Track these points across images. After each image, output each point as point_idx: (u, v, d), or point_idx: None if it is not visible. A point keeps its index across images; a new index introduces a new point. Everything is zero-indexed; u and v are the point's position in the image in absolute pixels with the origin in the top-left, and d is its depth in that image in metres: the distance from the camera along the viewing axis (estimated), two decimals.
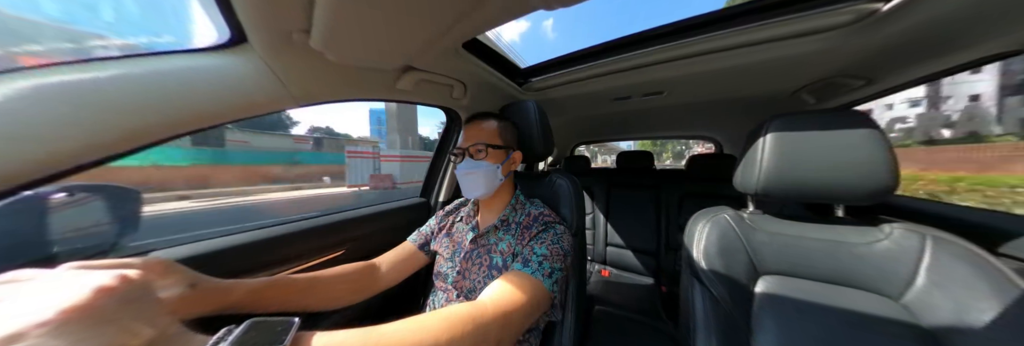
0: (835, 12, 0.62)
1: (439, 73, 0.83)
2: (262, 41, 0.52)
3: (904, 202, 0.91)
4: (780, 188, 0.66)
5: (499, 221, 0.73)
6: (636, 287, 1.65)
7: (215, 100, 0.51)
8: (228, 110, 0.53)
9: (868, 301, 0.58)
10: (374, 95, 0.81)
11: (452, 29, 0.50)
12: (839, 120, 0.62)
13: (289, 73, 0.58)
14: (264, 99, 0.58)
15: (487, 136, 0.73)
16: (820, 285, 0.62)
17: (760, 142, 0.67)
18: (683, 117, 1.65)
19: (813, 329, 0.57)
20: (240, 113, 0.56)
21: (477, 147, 0.72)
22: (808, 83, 1.01)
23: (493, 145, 0.73)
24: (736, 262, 0.67)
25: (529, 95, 1.21)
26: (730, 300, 0.64)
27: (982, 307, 0.48)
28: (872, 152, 0.58)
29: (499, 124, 0.77)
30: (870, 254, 0.61)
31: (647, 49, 0.83)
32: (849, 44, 0.71)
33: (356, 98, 0.77)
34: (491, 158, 0.72)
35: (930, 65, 0.75)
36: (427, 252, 0.83)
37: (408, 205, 1.18)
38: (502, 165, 0.74)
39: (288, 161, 20.73)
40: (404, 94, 0.87)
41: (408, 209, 1.17)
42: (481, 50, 0.87)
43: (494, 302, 0.49)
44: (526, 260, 0.60)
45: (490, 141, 0.73)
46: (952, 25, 0.59)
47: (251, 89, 0.55)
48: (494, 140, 0.74)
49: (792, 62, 0.84)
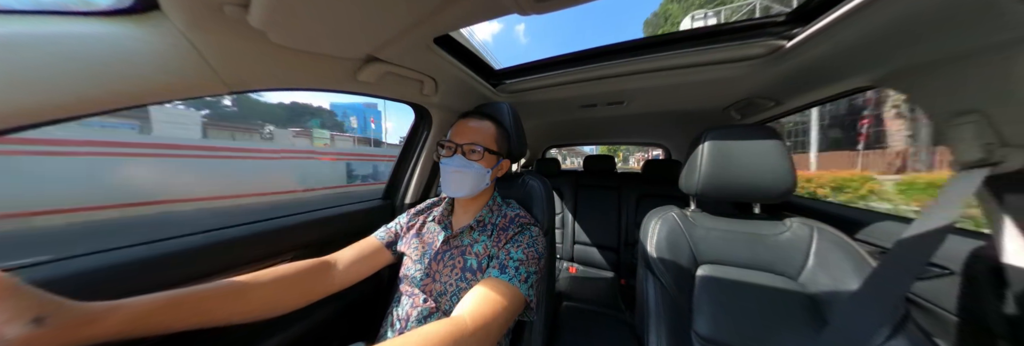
0: (751, 45, 0.75)
1: (408, 67, 0.78)
2: (180, 10, 0.43)
3: (798, 201, 1.18)
4: (714, 189, 0.78)
5: (475, 222, 0.71)
6: (599, 281, 1.74)
7: (116, 79, 0.42)
8: (134, 91, 0.44)
9: (776, 281, 0.72)
10: (329, 85, 0.72)
11: (422, 23, 0.50)
12: (756, 133, 0.76)
13: (219, 53, 0.49)
14: (183, 82, 0.48)
15: (485, 139, 0.70)
16: (743, 270, 0.75)
17: (699, 149, 0.80)
18: (640, 125, 1.85)
19: (736, 307, 0.70)
20: (151, 96, 0.46)
21: (473, 147, 0.68)
22: (734, 102, 1.19)
23: (490, 150, 0.69)
24: (681, 254, 0.78)
25: (503, 97, 1.19)
26: (676, 287, 0.74)
27: (847, 280, 0.65)
28: (779, 159, 0.73)
29: (497, 130, 0.74)
30: (777, 243, 0.76)
31: (610, 62, 0.90)
32: (762, 72, 0.86)
33: (307, 87, 0.68)
34: (484, 161, 0.69)
35: (818, 92, 0.92)
36: (394, 252, 0.77)
37: (368, 208, 1.09)
38: (492, 170, 0.71)
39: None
40: (367, 86, 0.79)
41: (368, 212, 1.07)
42: (455, 48, 0.83)
43: (473, 317, 0.47)
44: (503, 266, 0.59)
45: (488, 145, 0.70)
46: (832, 63, 0.73)
47: (166, 68, 0.46)
48: (491, 145, 0.70)
49: (721, 84, 0.99)
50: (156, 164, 5.53)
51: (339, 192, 8.60)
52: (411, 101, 1.02)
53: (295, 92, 0.53)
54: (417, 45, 0.68)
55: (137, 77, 0.43)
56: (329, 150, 12.09)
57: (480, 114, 0.74)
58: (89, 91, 0.40)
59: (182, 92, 0.49)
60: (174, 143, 5.98)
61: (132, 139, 6.03)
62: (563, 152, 19.64)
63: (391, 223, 0.81)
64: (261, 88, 0.58)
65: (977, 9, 0.45)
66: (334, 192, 8.50)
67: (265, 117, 34.24)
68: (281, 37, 0.51)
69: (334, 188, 8.56)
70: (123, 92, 0.43)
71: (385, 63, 0.72)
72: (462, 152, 0.68)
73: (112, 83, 0.41)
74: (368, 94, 0.86)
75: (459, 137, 0.70)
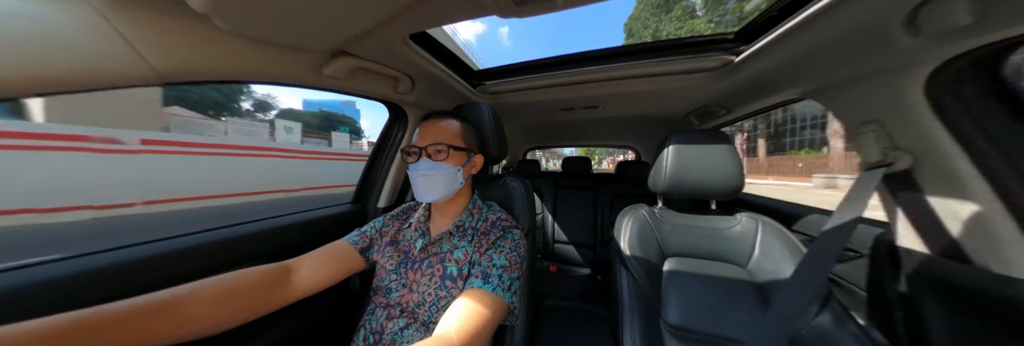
0: (706, 59, 0.83)
1: (382, 63, 0.74)
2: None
3: (746, 197, 1.31)
4: (678, 188, 0.85)
5: (454, 227, 0.68)
6: (578, 278, 1.80)
7: (33, 62, 0.35)
8: (56, 77, 0.37)
9: (730, 270, 0.80)
10: (288, 80, 0.65)
11: (398, 18, 0.49)
12: (711, 138, 0.85)
13: (147, 38, 0.42)
14: (107, 68, 0.41)
15: (449, 136, 0.67)
16: (703, 261, 0.83)
17: (664, 152, 0.87)
18: (613, 129, 1.97)
19: (697, 295, 0.78)
20: (78, 84, 0.39)
21: (437, 147, 0.65)
22: (693, 109, 1.31)
23: (455, 146, 0.66)
24: (650, 248, 0.84)
25: (483, 97, 1.18)
26: (647, 280, 0.80)
27: (785, 266, 0.74)
28: (730, 161, 0.81)
29: (462, 125, 0.71)
30: (730, 236, 0.84)
31: (587, 67, 0.94)
32: (715, 83, 0.95)
33: (261, 81, 0.61)
34: (452, 160, 0.66)
35: (762, 102, 1.05)
36: (367, 258, 0.71)
37: (336, 213, 1.01)
38: (463, 168, 0.68)
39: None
40: (333, 82, 0.73)
41: (336, 219, 0.99)
42: (434, 46, 0.80)
43: (460, 333, 0.47)
44: (486, 275, 0.57)
45: (452, 142, 0.67)
46: (771, 77, 0.83)
47: (86, 53, 0.38)
48: (456, 141, 0.68)
49: (682, 92, 1.09)
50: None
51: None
52: (385, 99, 0.96)
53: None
54: (392, 41, 0.65)
55: (58, 61, 0.36)
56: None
57: (440, 114, 0.71)
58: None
59: (108, 80, 0.42)
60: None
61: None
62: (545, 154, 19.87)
63: (365, 227, 0.75)
64: (204, 80, 0.51)
65: (876, 39, 0.55)
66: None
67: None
68: (228, 23, 0.45)
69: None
70: (43, 77, 0.36)
71: (356, 58, 0.67)
72: (426, 154, 0.65)
73: (28, 66, 0.35)
74: (334, 90, 0.79)
75: (421, 140, 0.67)
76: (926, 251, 0.64)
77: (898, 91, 0.61)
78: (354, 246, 0.70)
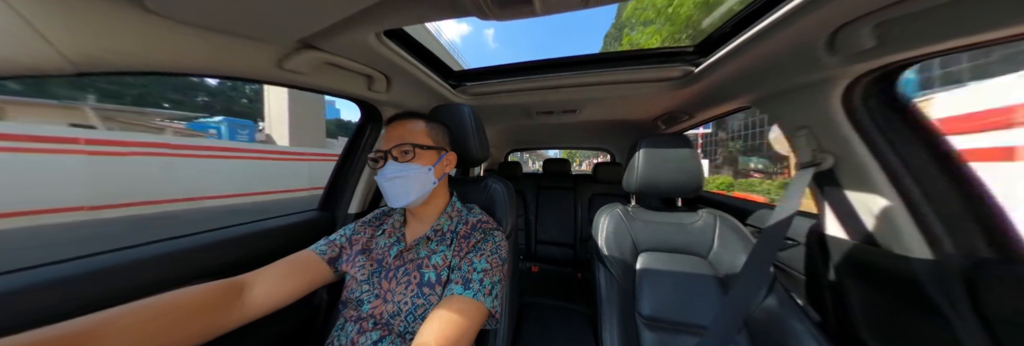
0: (671, 68, 0.90)
1: (353, 59, 0.70)
2: None
3: (706, 195, 1.48)
4: (648, 187, 0.92)
5: (432, 231, 0.65)
6: (559, 277, 1.84)
7: None
8: None
9: (694, 261, 0.88)
10: (240, 73, 0.60)
11: (367, 14, 0.47)
12: (676, 141, 0.93)
13: (55, 20, 0.37)
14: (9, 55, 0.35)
15: (413, 136, 0.65)
16: (671, 255, 0.90)
17: (636, 154, 0.94)
18: (590, 132, 2.06)
19: (666, 287, 0.84)
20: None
21: (402, 148, 0.63)
22: (660, 114, 1.43)
23: (421, 145, 0.64)
24: (624, 245, 0.90)
25: (463, 99, 1.16)
26: (623, 275, 0.85)
27: (739, 256, 0.83)
28: (692, 163, 0.90)
29: (427, 124, 0.68)
30: (693, 230, 0.91)
31: (563, 73, 0.97)
32: (678, 91, 1.02)
33: (204, 73, 0.55)
34: (420, 159, 0.63)
35: (717, 109, 1.18)
36: (336, 269, 0.66)
37: (300, 221, 0.94)
38: (434, 167, 0.65)
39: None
40: (296, 77, 0.67)
41: (300, 227, 0.92)
42: (413, 45, 0.77)
43: (438, 343, 0.45)
44: (466, 280, 0.56)
45: (417, 141, 0.64)
46: (725, 87, 0.92)
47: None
48: (422, 140, 0.65)
49: (651, 99, 1.17)
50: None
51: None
52: (357, 97, 0.91)
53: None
54: (364, 36, 0.61)
55: None
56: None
57: (403, 115, 0.68)
58: None
59: (13, 68, 0.36)
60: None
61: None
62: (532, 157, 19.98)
63: (334, 235, 0.70)
64: (130, 70, 0.45)
65: (806, 56, 0.64)
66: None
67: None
68: (163, 6, 0.40)
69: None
70: None
71: (323, 52, 0.63)
72: (392, 157, 0.63)
73: None
74: (298, 86, 0.73)
75: (385, 143, 0.64)
76: (847, 238, 0.75)
77: (822, 101, 0.71)
78: (321, 256, 0.64)
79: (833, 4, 0.47)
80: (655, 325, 0.81)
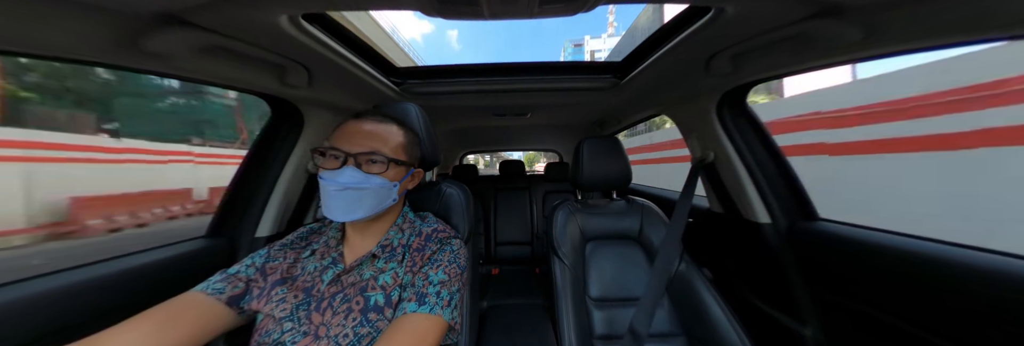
0: (603, 79, 1.01)
1: (256, 44, 0.56)
2: None
3: (635, 187, 1.74)
4: (590, 182, 1.02)
5: (379, 248, 0.57)
6: (519, 275, 1.89)
7: None
8: None
9: (627, 245, 1.01)
10: (66, 53, 0.39)
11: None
12: (610, 142, 1.04)
13: None
14: None
15: (390, 148, 0.55)
16: (612, 240, 1.02)
17: (580, 154, 1.03)
18: (541, 134, 2.21)
19: (609, 270, 0.96)
20: None
21: (372, 158, 0.52)
22: (597, 119, 1.61)
23: (397, 160, 0.54)
24: (575, 236, 0.98)
25: (407, 98, 1.07)
26: (574, 264, 0.92)
27: (660, 235, 0.96)
28: (624, 161, 1.02)
29: (406, 135, 0.60)
30: (626, 218, 1.04)
31: (512, 77, 1.01)
32: (609, 99, 1.18)
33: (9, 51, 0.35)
34: (389, 173, 0.54)
35: (638, 115, 1.43)
36: (241, 311, 0.52)
37: (182, 254, 0.71)
38: (400, 183, 0.57)
39: None
40: (163, 62, 0.50)
41: (183, 261, 0.70)
42: (346, 36, 0.67)
43: None
44: (421, 295, 0.50)
45: (394, 155, 0.55)
46: (641, 97, 1.12)
47: None
48: (398, 154, 0.56)
49: (589, 105, 1.30)
50: None
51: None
52: (266, 93, 0.72)
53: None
54: (271, 16, 0.48)
55: None
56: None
57: (381, 115, 0.58)
58: None
59: None
60: None
61: None
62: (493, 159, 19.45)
63: (236, 267, 0.55)
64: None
65: (693, 74, 0.81)
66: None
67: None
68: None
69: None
70: None
71: (206, 32, 0.48)
72: (356, 163, 0.52)
73: None
74: (171, 75, 0.53)
75: (350, 143, 0.53)
76: (723, 212, 1.04)
77: (705, 111, 0.95)
78: (214, 297, 0.49)
79: (705, 40, 0.62)
80: (602, 304, 0.93)
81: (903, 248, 0.60)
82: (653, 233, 0.98)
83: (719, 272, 1.06)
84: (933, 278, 0.54)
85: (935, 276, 0.54)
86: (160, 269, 0.65)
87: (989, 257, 0.50)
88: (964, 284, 0.50)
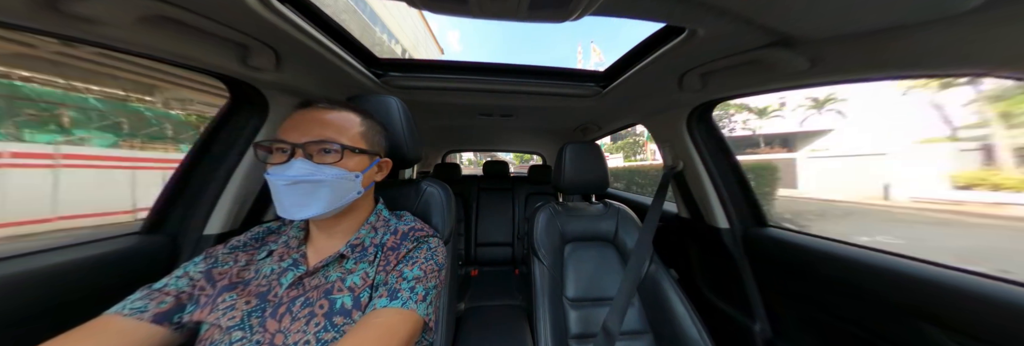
0: (586, 87, 1.03)
1: (212, 18, 0.49)
2: None
3: (611, 192, 1.87)
4: (571, 185, 1.06)
5: (348, 247, 0.52)
6: (498, 277, 1.86)
7: None
8: None
9: (603, 247, 1.05)
10: None
11: None
12: (591, 147, 1.08)
13: None
14: None
15: (342, 134, 0.50)
16: (589, 242, 1.06)
17: (563, 158, 1.05)
18: (525, 137, 2.20)
19: (586, 271, 1.00)
20: None
21: (323, 146, 0.48)
22: (579, 125, 1.66)
23: (353, 148, 0.50)
24: (554, 237, 1.00)
25: (389, 90, 1.02)
26: (553, 265, 0.94)
27: (633, 237, 1.00)
28: (602, 166, 1.07)
29: (363, 121, 0.54)
30: (603, 221, 1.07)
31: (500, 78, 1.00)
32: (592, 106, 1.19)
33: None
34: (346, 163, 0.50)
35: (619, 123, 1.51)
36: (179, 326, 0.46)
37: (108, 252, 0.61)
38: (363, 174, 0.52)
39: None
40: (89, 28, 0.44)
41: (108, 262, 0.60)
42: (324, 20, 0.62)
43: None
44: (393, 291, 0.47)
45: (350, 142, 0.50)
46: (622, 105, 1.15)
47: None
48: (355, 141, 0.51)
49: (572, 111, 1.34)
50: None
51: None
52: (222, 73, 0.64)
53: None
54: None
55: None
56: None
57: (329, 101, 0.53)
58: None
59: None
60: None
61: None
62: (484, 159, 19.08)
63: (162, 281, 0.48)
64: None
65: (668, 89, 0.88)
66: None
67: None
68: None
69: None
70: None
71: (165, 3, 0.43)
72: (306, 154, 0.47)
73: None
74: (96, 43, 0.45)
75: (296, 134, 0.48)
76: (689, 217, 1.12)
77: (677, 123, 1.02)
78: (135, 318, 0.43)
79: (679, 57, 0.68)
80: (578, 304, 0.96)
81: (838, 253, 0.69)
82: (627, 236, 1.03)
83: (684, 273, 1.14)
84: (863, 280, 0.63)
85: (865, 279, 0.63)
86: (78, 271, 0.55)
87: (911, 264, 0.59)
88: (887, 286, 0.59)
